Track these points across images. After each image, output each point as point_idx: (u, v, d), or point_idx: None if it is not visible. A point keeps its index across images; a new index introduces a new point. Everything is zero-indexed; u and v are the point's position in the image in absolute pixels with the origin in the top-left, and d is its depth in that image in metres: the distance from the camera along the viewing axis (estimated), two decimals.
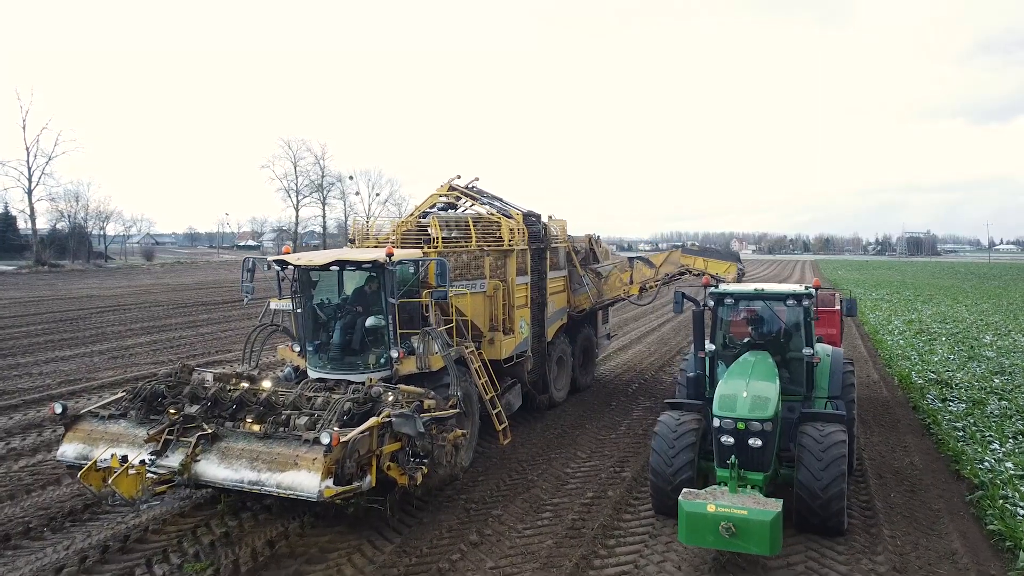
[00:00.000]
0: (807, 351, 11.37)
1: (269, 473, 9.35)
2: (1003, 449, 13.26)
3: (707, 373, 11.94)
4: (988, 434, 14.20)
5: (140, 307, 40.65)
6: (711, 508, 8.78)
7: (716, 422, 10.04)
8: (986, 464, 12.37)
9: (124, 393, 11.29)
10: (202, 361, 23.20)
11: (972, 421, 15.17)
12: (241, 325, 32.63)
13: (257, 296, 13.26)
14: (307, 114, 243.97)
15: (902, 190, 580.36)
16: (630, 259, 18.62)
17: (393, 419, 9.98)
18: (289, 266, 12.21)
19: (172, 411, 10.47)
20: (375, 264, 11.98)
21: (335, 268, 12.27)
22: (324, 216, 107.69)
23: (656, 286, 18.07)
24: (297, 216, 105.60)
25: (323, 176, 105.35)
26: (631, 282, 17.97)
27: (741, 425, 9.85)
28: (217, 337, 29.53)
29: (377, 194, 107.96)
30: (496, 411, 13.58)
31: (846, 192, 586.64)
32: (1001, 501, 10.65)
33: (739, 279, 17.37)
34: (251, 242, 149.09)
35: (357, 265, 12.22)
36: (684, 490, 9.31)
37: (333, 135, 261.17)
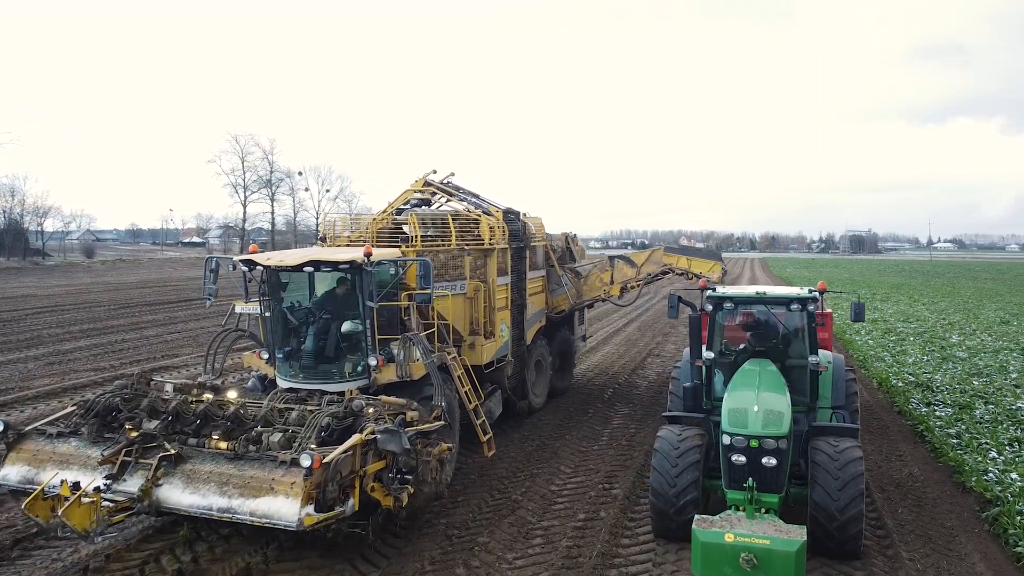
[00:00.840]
0: (812, 359, 10.69)
1: (241, 499, 8.38)
2: (1002, 458, 12.83)
3: (703, 382, 11.22)
4: (984, 441, 13.77)
5: (80, 307, 38.62)
6: (729, 538, 8.04)
7: (726, 439, 9.30)
8: (991, 475, 11.88)
9: (75, 407, 10.16)
10: (147, 367, 21.70)
11: (964, 428, 14.77)
12: (188, 327, 31.12)
13: (219, 296, 12.14)
14: (256, 108, 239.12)
15: (845, 189, 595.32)
16: (610, 258, 17.95)
17: (378, 436, 9.08)
18: (257, 266, 11.18)
19: (129, 427, 9.42)
20: (352, 264, 11.03)
21: (309, 269, 11.26)
22: (273, 213, 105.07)
23: (638, 286, 17.39)
24: (245, 212, 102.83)
25: (272, 172, 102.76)
26: (611, 282, 17.28)
27: (754, 443, 9.14)
28: (163, 340, 27.92)
29: (327, 190, 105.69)
30: (480, 421, 12.70)
31: (791, 191, 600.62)
32: (1019, 518, 10.09)
33: (723, 279, 16.79)
34: (196, 239, 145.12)
35: (333, 266, 11.23)
36: (697, 517, 8.51)
37: (282, 130, 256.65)
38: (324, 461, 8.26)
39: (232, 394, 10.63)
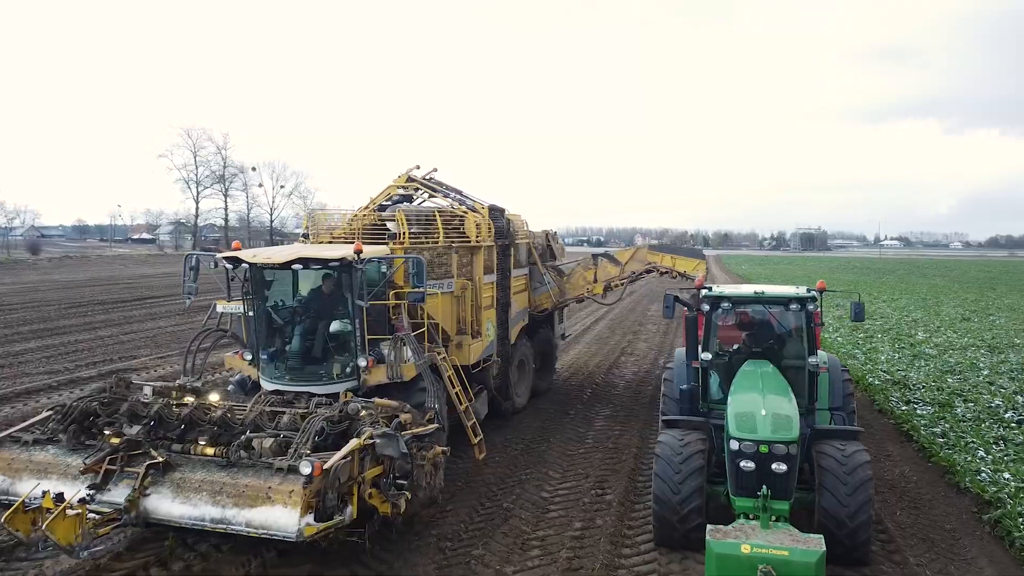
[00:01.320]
0: (812, 360, 10.52)
1: (236, 509, 7.93)
2: (991, 457, 12.84)
3: (699, 384, 11.01)
4: (971, 440, 13.79)
5: (28, 307, 37.04)
6: (746, 548, 7.79)
7: (735, 445, 9.04)
8: (984, 475, 11.84)
9: (50, 412, 9.57)
10: (104, 369, 20.80)
11: (948, 426, 14.80)
12: (145, 327, 30.05)
13: (195, 295, 11.57)
14: (208, 102, 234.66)
15: (795, 188, 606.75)
16: (594, 256, 17.76)
17: (376, 440, 8.71)
18: (242, 264, 10.70)
19: (109, 433, 8.90)
20: (343, 262, 10.61)
21: (298, 267, 10.81)
22: (226, 208, 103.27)
23: (622, 285, 17.21)
24: (197, 208, 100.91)
25: (225, 167, 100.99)
26: (595, 280, 17.08)
27: (764, 448, 8.90)
28: (119, 341, 26.79)
29: (282, 186, 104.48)
30: (471, 423, 12.37)
31: (743, 189, 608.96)
32: (1022, 520, 10.04)
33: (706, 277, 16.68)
34: (146, 235, 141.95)
35: (323, 263, 10.80)
36: (709, 527, 8.25)
37: (236, 124, 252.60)
38: (324, 468, 7.87)
39: (214, 396, 10.18)
